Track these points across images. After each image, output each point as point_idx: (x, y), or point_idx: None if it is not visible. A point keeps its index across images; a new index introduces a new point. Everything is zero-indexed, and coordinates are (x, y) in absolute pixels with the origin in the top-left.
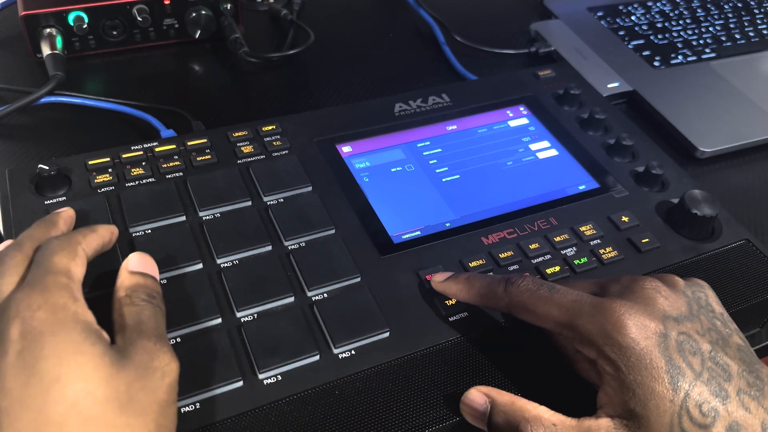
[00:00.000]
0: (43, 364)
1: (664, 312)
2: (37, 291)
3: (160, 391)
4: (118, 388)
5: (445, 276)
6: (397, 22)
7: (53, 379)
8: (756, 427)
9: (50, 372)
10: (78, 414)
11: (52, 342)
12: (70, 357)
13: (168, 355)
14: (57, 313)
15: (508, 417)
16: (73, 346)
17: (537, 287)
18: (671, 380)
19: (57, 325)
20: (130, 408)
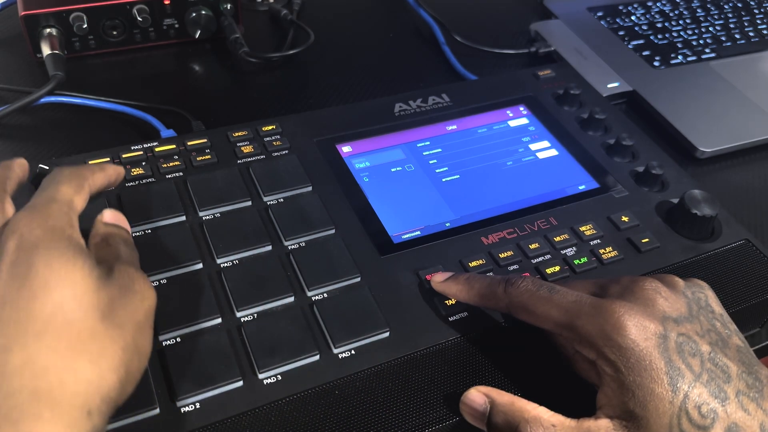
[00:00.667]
0: (34, 272)
1: (663, 313)
2: (37, 213)
3: (139, 312)
4: (102, 300)
5: (445, 276)
6: (397, 22)
7: (43, 284)
8: (755, 429)
9: (40, 277)
10: (63, 315)
11: (45, 254)
12: (61, 267)
13: (147, 283)
14: (53, 232)
15: (508, 417)
16: (64, 258)
17: (537, 288)
18: (671, 381)
19: (52, 241)
20: (110, 319)
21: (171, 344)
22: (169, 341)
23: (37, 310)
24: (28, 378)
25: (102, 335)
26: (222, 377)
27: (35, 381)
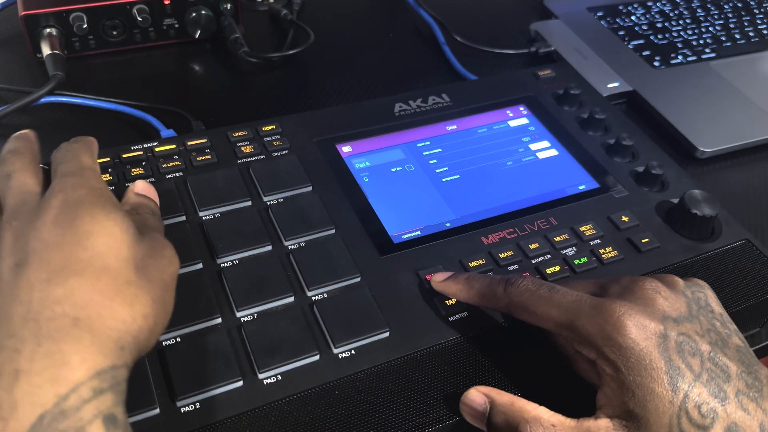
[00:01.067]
0: (79, 221)
1: (663, 313)
2: (77, 177)
3: (167, 273)
4: (136, 255)
5: (445, 276)
6: (397, 22)
7: (86, 232)
8: (754, 429)
9: (85, 226)
10: (102, 261)
11: (89, 207)
12: (103, 219)
13: (173, 251)
14: (94, 191)
15: (508, 417)
16: (106, 213)
17: (537, 288)
18: (670, 381)
19: (94, 197)
20: (142, 273)
21: (171, 344)
22: (169, 341)
23: (80, 253)
24: (69, 307)
25: (135, 284)
26: (222, 377)
27: (76, 310)
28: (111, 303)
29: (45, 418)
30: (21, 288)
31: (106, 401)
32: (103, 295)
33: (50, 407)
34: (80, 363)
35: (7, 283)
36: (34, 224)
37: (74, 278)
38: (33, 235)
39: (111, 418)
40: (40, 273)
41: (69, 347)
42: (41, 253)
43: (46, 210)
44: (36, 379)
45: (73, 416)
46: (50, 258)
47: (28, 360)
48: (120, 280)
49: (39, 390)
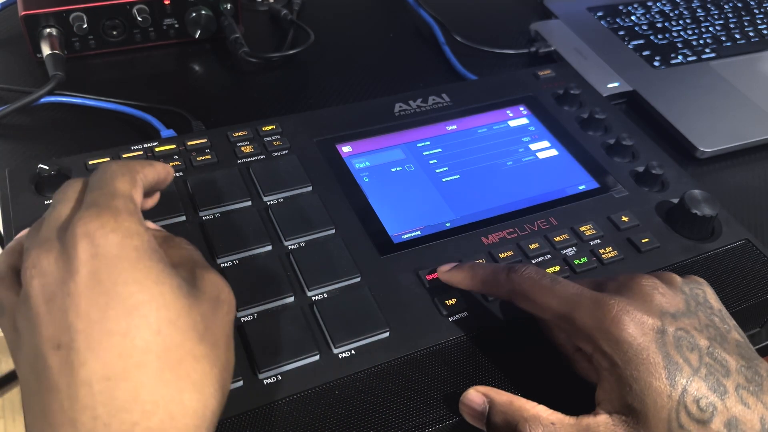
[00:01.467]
0: (122, 289)
1: (661, 308)
2: (106, 213)
3: (228, 325)
4: (196, 319)
5: (451, 266)
6: (397, 22)
7: (135, 305)
8: (755, 423)
9: (131, 297)
10: (162, 341)
11: (129, 268)
12: (152, 285)
13: (229, 288)
14: (132, 239)
15: (507, 416)
16: (153, 275)
17: (539, 277)
18: (669, 376)
19: (133, 251)
20: (206, 339)
21: None
22: None
23: (134, 335)
24: (139, 415)
25: (203, 359)
26: None
27: (147, 419)
28: (180, 396)
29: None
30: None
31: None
32: (171, 388)
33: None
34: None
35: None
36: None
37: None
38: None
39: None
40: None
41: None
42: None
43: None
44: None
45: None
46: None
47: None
48: (186, 361)
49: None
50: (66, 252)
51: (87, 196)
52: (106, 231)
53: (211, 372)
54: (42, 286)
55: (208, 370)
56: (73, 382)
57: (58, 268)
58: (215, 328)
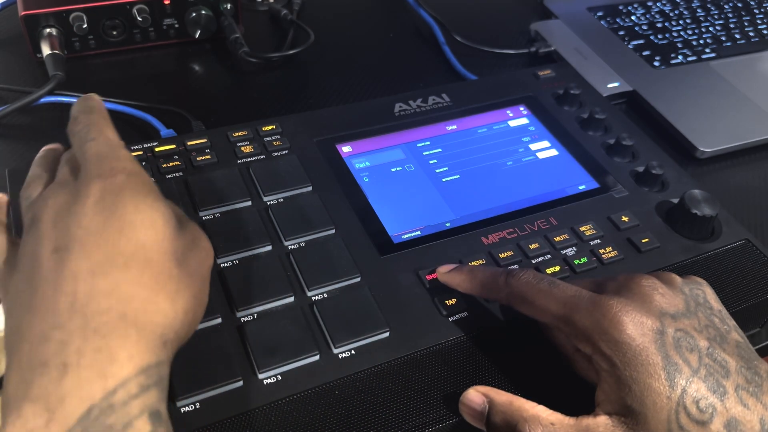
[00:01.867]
0: (121, 210)
1: (660, 309)
2: (111, 159)
3: (204, 267)
4: (177, 247)
5: (450, 267)
6: (397, 22)
7: (129, 222)
8: (754, 423)
9: (127, 216)
10: (144, 254)
11: (131, 196)
12: (146, 209)
13: (209, 242)
14: (134, 177)
15: (507, 416)
16: (149, 202)
17: (537, 280)
18: (668, 376)
19: (135, 184)
20: (183, 267)
21: None
22: None
23: (123, 245)
24: (115, 301)
25: (177, 279)
26: (222, 377)
27: (122, 305)
28: (155, 298)
29: (93, 412)
30: (65, 277)
31: (151, 397)
32: (148, 290)
33: (98, 401)
34: (127, 359)
35: (48, 269)
36: (73, 209)
37: (119, 271)
38: (73, 221)
39: (156, 414)
40: (83, 263)
41: (116, 343)
42: (83, 241)
43: (85, 195)
44: (84, 373)
45: (121, 411)
46: (93, 248)
47: (76, 354)
48: (163, 274)
49: (87, 384)
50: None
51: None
52: (114, 173)
53: (185, 292)
54: (53, 210)
55: (181, 289)
56: (61, 275)
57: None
58: (192, 262)
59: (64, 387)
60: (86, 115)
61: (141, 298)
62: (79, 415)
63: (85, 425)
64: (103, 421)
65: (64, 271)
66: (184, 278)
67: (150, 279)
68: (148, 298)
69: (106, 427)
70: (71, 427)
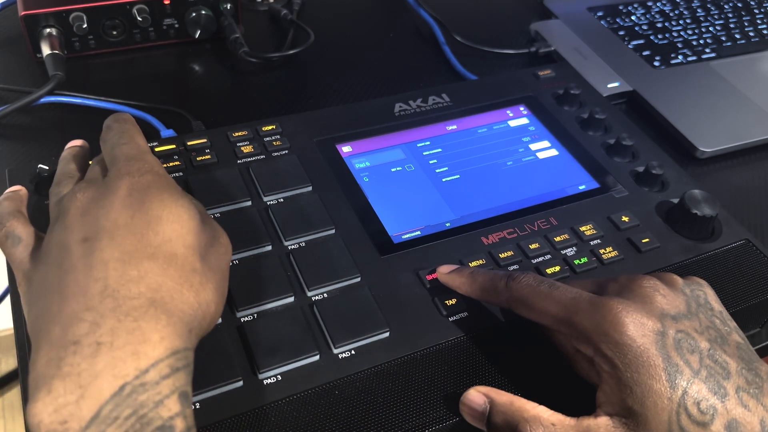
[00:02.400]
0: (148, 205)
1: (662, 310)
2: (141, 162)
3: (224, 262)
4: (200, 242)
5: (451, 269)
6: (397, 22)
7: (155, 217)
8: (755, 425)
9: (153, 211)
10: (170, 248)
11: (157, 193)
12: (171, 204)
13: (228, 239)
14: (161, 177)
15: (507, 417)
16: (174, 198)
17: (537, 283)
18: (669, 378)
19: (161, 183)
20: (205, 261)
21: None
22: None
23: (150, 237)
24: (145, 288)
25: (200, 272)
26: (222, 377)
27: (152, 292)
28: (181, 288)
29: (125, 389)
30: (95, 264)
31: (180, 379)
32: (174, 281)
33: (131, 379)
34: (159, 341)
35: (78, 257)
36: (102, 203)
37: (147, 261)
38: (102, 213)
39: (185, 395)
40: (113, 252)
41: (148, 325)
42: (112, 232)
43: (114, 191)
44: (118, 352)
45: (153, 390)
46: (122, 239)
47: (109, 334)
48: (187, 267)
49: (121, 363)
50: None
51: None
52: (141, 173)
53: (207, 286)
54: (82, 203)
55: (204, 282)
56: (91, 262)
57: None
58: (213, 257)
59: (98, 365)
60: (119, 124)
61: (168, 287)
62: (111, 392)
63: (117, 402)
64: (135, 399)
65: (94, 258)
66: (206, 272)
67: (176, 271)
68: (174, 288)
69: (139, 404)
70: (103, 403)
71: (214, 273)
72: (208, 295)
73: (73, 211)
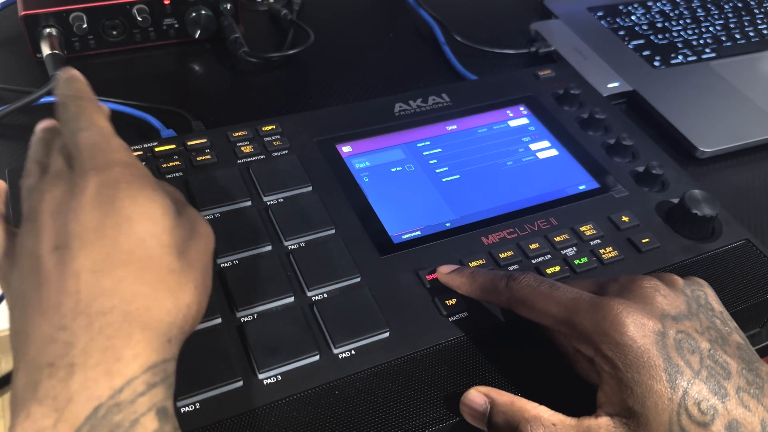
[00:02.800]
0: (118, 204)
1: (662, 311)
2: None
3: (205, 255)
4: (177, 239)
5: (451, 269)
6: (397, 22)
7: (127, 217)
8: (755, 425)
9: (125, 210)
10: (144, 249)
11: (127, 189)
12: (143, 201)
13: (207, 225)
14: (131, 168)
15: (508, 417)
16: (146, 194)
17: (538, 284)
18: (669, 378)
19: (132, 177)
20: (184, 258)
21: None
22: None
23: (122, 241)
24: (119, 300)
25: (178, 272)
26: (222, 377)
27: (126, 304)
28: (157, 295)
29: (100, 410)
30: (67, 276)
31: (158, 394)
32: (149, 287)
33: (105, 400)
34: (133, 358)
35: (50, 269)
36: (70, 205)
37: (120, 269)
38: (71, 217)
39: (163, 410)
40: (84, 261)
41: (121, 342)
42: (82, 238)
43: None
44: (91, 373)
45: (128, 409)
46: (93, 245)
47: (82, 354)
48: (163, 269)
49: (94, 384)
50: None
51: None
52: (108, 164)
53: (187, 285)
54: (51, 203)
55: (183, 282)
56: (63, 274)
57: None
58: (193, 252)
59: (72, 387)
60: (75, 101)
61: (143, 296)
62: (86, 414)
63: (92, 424)
64: (110, 420)
65: (66, 269)
66: (185, 270)
67: (151, 276)
68: (150, 295)
69: (114, 425)
70: (79, 426)
71: (194, 269)
72: (187, 296)
73: (42, 214)
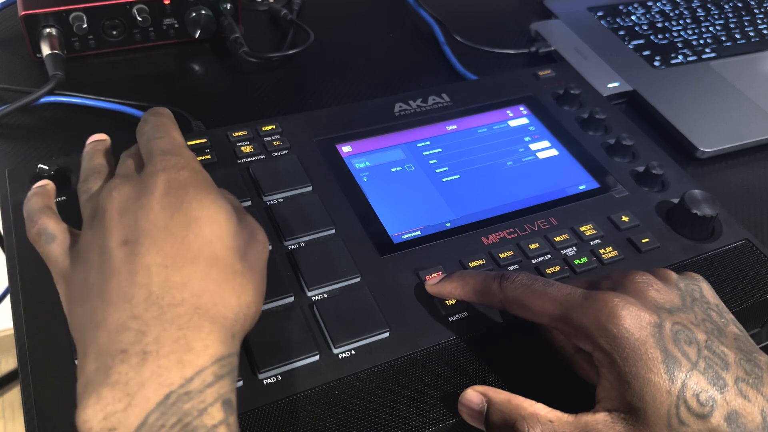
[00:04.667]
0: (186, 206)
1: (656, 304)
2: (176, 156)
3: (262, 260)
4: (239, 242)
5: (437, 278)
6: (397, 22)
7: (194, 218)
8: (755, 415)
9: (193, 212)
10: (210, 250)
11: (195, 193)
12: (210, 205)
13: (265, 234)
14: (198, 174)
15: (505, 415)
16: (212, 198)
17: (531, 282)
18: (667, 370)
19: (198, 181)
20: (245, 261)
21: None
22: None
23: (190, 240)
24: (189, 294)
25: (240, 273)
26: None
27: (195, 298)
28: (222, 292)
29: (170, 397)
30: (137, 270)
31: (224, 386)
32: (215, 284)
33: (176, 388)
34: (203, 349)
35: (120, 261)
36: (140, 203)
37: (188, 266)
38: (141, 214)
39: (228, 402)
40: (155, 257)
41: (192, 334)
42: (152, 235)
43: (152, 189)
44: (163, 361)
45: (197, 398)
46: (163, 242)
47: (154, 342)
48: (228, 269)
49: (166, 371)
50: (144, 181)
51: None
52: (177, 169)
53: (247, 286)
54: (119, 202)
55: (244, 283)
56: (134, 267)
57: (136, 191)
58: (252, 256)
59: (144, 374)
60: (155, 117)
61: (210, 292)
62: (157, 401)
63: (162, 410)
64: (180, 407)
65: (136, 263)
66: (246, 273)
67: (217, 274)
68: (216, 292)
69: (183, 412)
70: (150, 411)
71: (253, 272)
72: (248, 296)
73: (111, 211)
